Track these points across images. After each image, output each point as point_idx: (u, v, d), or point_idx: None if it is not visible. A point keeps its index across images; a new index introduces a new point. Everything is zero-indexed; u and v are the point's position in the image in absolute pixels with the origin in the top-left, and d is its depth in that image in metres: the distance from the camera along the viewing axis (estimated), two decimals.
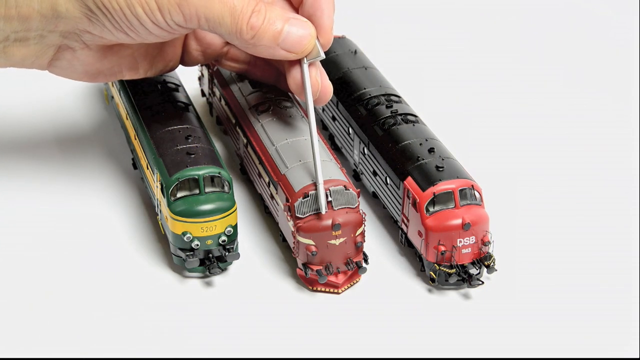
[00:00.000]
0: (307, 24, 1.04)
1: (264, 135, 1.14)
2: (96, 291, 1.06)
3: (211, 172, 1.07)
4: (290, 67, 1.07)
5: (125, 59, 1.11)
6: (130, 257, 1.11)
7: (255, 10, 1.01)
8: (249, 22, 1.01)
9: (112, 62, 1.10)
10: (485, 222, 1.06)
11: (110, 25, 1.02)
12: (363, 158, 1.19)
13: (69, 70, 1.10)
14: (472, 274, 1.05)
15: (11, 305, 1.04)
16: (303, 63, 1.06)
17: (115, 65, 1.10)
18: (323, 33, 1.06)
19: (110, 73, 1.11)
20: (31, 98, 1.39)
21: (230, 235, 1.06)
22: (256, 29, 1.02)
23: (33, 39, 1.04)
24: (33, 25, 1.02)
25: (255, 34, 1.02)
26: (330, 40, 1.07)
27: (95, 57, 1.08)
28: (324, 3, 1.06)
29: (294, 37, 1.03)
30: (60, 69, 1.10)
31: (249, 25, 1.01)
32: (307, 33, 1.04)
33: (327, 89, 1.09)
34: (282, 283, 1.08)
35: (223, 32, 1.02)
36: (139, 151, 1.17)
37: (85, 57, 1.08)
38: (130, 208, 1.18)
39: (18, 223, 1.15)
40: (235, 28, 1.01)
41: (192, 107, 1.20)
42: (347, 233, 1.05)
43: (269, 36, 1.03)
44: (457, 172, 1.08)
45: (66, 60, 1.08)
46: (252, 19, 1.01)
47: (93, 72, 1.10)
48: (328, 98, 1.09)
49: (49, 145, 1.29)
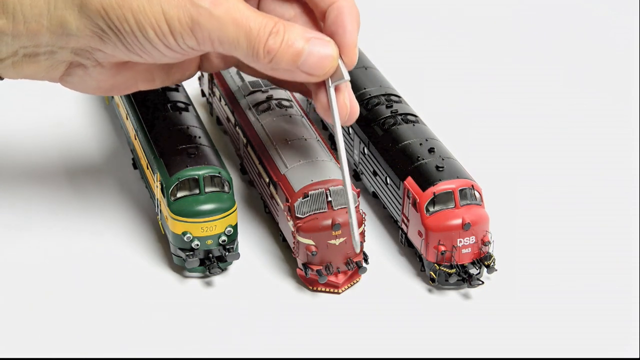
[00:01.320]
0: (329, 44, 0.97)
1: (264, 135, 1.14)
2: (96, 291, 1.06)
3: (211, 172, 1.07)
4: (317, 89, 1.01)
5: (140, 74, 1.05)
6: (130, 257, 1.11)
7: (273, 31, 0.95)
8: (266, 45, 0.95)
9: (126, 77, 1.05)
10: (486, 222, 1.06)
11: (122, 47, 0.97)
12: (363, 158, 1.19)
13: (81, 85, 1.05)
14: (472, 274, 1.05)
15: (11, 305, 1.04)
16: (329, 87, 0.99)
17: (130, 79, 1.05)
18: (347, 52, 0.99)
19: (124, 87, 1.06)
20: (31, 98, 1.39)
21: (230, 235, 1.06)
22: (274, 52, 0.95)
23: (43, 54, 1.00)
24: (42, 41, 0.98)
25: (273, 57, 0.95)
26: (355, 60, 0.99)
27: (109, 74, 1.03)
28: (347, 20, 0.99)
29: (314, 58, 0.96)
30: (72, 84, 1.05)
31: (265, 48, 0.95)
32: (329, 54, 0.97)
33: (354, 109, 1.02)
34: (282, 283, 1.08)
35: (239, 55, 0.97)
36: (139, 151, 1.17)
37: (97, 75, 1.03)
38: (130, 208, 1.18)
39: (18, 222, 1.15)
40: (252, 52, 0.96)
41: (192, 107, 1.20)
42: (347, 233, 1.05)
43: (288, 59, 0.96)
44: (457, 172, 1.08)
45: (78, 76, 1.03)
46: (270, 41, 0.95)
47: (107, 88, 1.05)
48: (354, 118, 1.03)
49: (48, 145, 1.29)
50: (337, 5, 1.00)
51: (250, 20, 0.95)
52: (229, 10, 0.95)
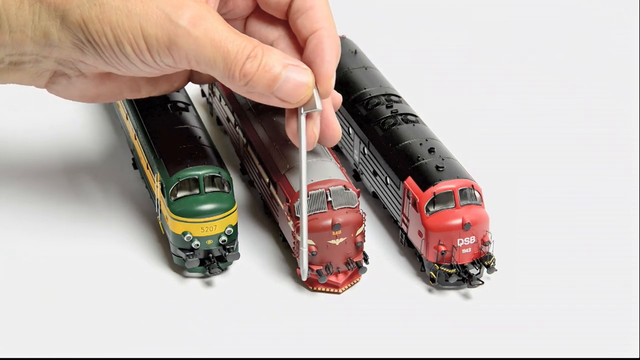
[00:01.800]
0: (306, 72, 0.97)
1: (264, 135, 1.14)
2: (96, 291, 1.06)
3: (211, 172, 1.07)
4: (289, 114, 1.02)
5: (125, 84, 1.06)
6: (130, 257, 1.11)
7: (251, 55, 0.95)
8: (243, 68, 0.95)
9: (111, 87, 1.06)
10: (486, 222, 1.06)
11: (100, 60, 0.98)
12: (363, 158, 1.19)
13: (66, 93, 1.06)
14: (472, 274, 1.05)
15: (11, 305, 1.04)
16: (300, 114, 1.00)
17: (114, 89, 1.06)
18: (322, 82, 0.99)
19: (110, 96, 1.07)
20: (31, 98, 1.39)
21: (230, 235, 1.06)
22: (249, 76, 0.96)
23: (28, 62, 1.01)
24: (27, 50, 1.00)
25: (249, 80, 0.96)
26: (330, 90, 1.00)
27: (92, 84, 1.05)
28: (326, 50, 1.00)
29: (289, 85, 0.96)
30: (57, 92, 1.06)
31: (242, 72, 0.95)
32: (304, 82, 0.97)
33: (336, 132, 1.05)
34: (282, 283, 1.08)
35: (215, 75, 0.97)
36: (139, 151, 1.17)
37: (80, 84, 1.04)
38: (130, 208, 1.18)
39: (18, 223, 1.15)
40: (228, 73, 0.96)
41: (192, 107, 1.20)
42: (347, 233, 1.05)
43: (264, 84, 0.96)
44: (457, 172, 1.08)
45: (62, 85, 1.05)
46: (247, 65, 0.95)
47: (91, 96, 1.06)
48: (336, 140, 1.05)
49: (48, 145, 1.29)
50: (318, 34, 1.01)
51: (229, 42, 0.95)
52: (207, 31, 0.95)
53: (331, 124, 1.05)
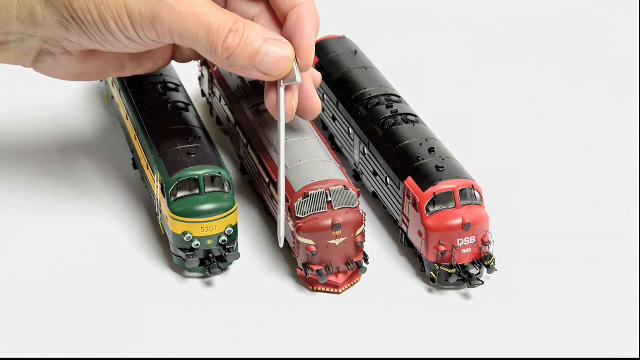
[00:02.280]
0: (286, 46, 1.01)
1: (264, 136, 1.14)
2: (96, 291, 1.06)
3: (211, 172, 1.07)
4: (268, 87, 1.05)
5: (110, 62, 1.09)
6: (130, 257, 1.11)
7: (233, 29, 0.98)
8: (225, 42, 0.98)
9: (95, 65, 1.08)
10: (486, 222, 1.06)
11: (85, 37, 1.01)
12: (363, 158, 1.19)
13: (51, 71, 1.09)
14: (472, 274, 1.05)
15: (12, 305, 1.04)
16: (279, 86, 1.03)
17: (99, 67, 1.09)
18: (302, 56, 1.03)
19: (95, 74, 1.09)
20: (31, 98, 1.39)
21: (230, 235, 1.06)
22: (232, 49, 0.99)
23: (14, 42, 1.03)
24: (13, 29, 1.02)
25: (231, 54, 0.99)
26: (310, 63, 1.04)
27: (77, 62, 1.07)
28: (306, 24, 1.03)
29: (270, 59, 1.00)
30: (43, 70, 1.09)
31: (224, 45, 0.98)
32: (285, 56, 1.00)
33: (316, 105, 1.07)
34: (282, 283, 1.08)
35: (198, 49, 1.00)
36: (139, 151, 1.17)
37: (65, 62, 1.07)
38: (130, 208, 1.18)
39: (18, 224, 1.15)
40: (210, 47, 0.99)
41: (192, 107, 1.20)
42: (347, 233, 1.05)
43: (245, 57, 0.99)
44: (457, 172, 1.08)
45: (47, 63, 1.07)
46: (229, 39, 0.98)
47: (76, 74, 1.09)
48: (316, 113, 1.08)
49: (48, 144, 1.29)
50: (298, 10, 1.04)
51: (211, 16, 0.98)
52: (190, 5, 0.98)
53: (311, 98, 1.07)
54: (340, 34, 1.35)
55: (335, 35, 1.34)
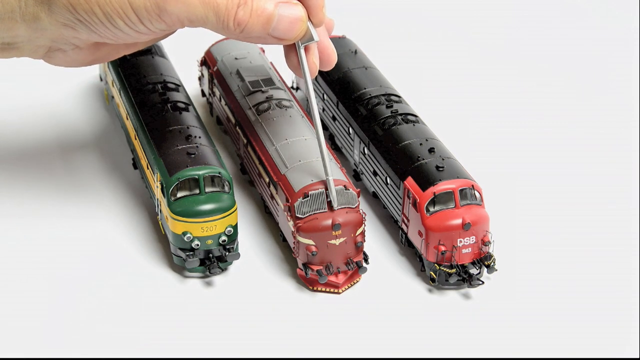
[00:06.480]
0: (297, 7, 1.00)
1: (264, 135, 1.14)
2: (96, 291, 1.06)
3: (211, 172, 1.07)
4: (287, 49, 1.05)
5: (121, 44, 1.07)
6: (130, 257, 1.11)
7: (241, 2, 0.98)
8: (236, 17, 0.98)
9: (107, 50, 1.07)
10: (486, 222, 1.06)
11: (94, 35, 1.00)
12: (363, 158, 1.19)
13: (63, 63, 1.08)
14: (472, 274, 1.05)
15: (11, 305, 1.04)
16: (298, 47, 1.03)
17: (111, 51, 1.07)
18: (314, 13, 1.01)
19: (107, 57, 1.08)
20: (32, 98, 1.39)
21: (230, 235, 1.06)
22: (244, 23, 0.98)
23: (21, 42, 1.03)
24: (19, 33, 1.01)
25: (243, 28, 0.99)
26: (323, 20, 1.03)
27: (88, 53, 1.06)
28: None
29: (284, 24, 0.99)
30: (55, 62, 1.08)
31: (236, 21, 0.98)
32: (297, 17, 0.99)
33: (332, 55, 1.06)
34: (282, 283, 1.08)
35: (210, 28, 1.00)
36: (139, 151, 1.17)
37: (76, 55, 1.06)
38: (130, 208, 1.18)
39: (18, 222, 1.15)
40: (222, 25, 0.98)
41: (192, 107, 1.20)
42: (347, 233, 1.05)
43: (259, 27, 0.99)
44: (457, 172, 1.08)
45: (58, 57, 1.07)
46: (239, 13, 0.98)
47: (89, 62, 1.08)
48: (333, 63, 1.07)
49: (48, 144, 1.29)
50: None
51: None
52: None
53: (326, 49, 1.06)
54: (340, 34, 1.35)
55: (335, 35, 1.33)
